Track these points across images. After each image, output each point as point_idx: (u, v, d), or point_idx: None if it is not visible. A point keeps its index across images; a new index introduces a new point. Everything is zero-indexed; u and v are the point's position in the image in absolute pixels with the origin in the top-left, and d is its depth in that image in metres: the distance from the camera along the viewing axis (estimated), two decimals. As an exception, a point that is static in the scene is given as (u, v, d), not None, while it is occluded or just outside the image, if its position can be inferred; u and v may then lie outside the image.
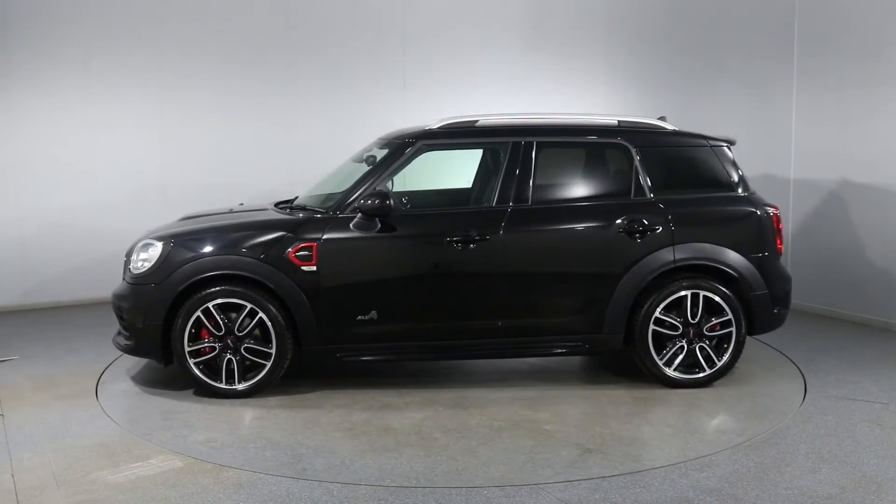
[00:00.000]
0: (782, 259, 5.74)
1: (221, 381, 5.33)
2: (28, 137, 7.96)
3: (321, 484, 4.06)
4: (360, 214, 5.29)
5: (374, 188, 5.37)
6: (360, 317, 5.33)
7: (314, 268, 5.26)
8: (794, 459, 4.38)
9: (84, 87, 8.13)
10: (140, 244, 5.54)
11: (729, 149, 5.72)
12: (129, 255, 5.62)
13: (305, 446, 4.61)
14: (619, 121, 5.72)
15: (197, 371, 5.32)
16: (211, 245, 5.34)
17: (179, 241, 5.39)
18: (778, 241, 5.62)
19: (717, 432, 4.80)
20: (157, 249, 5.38)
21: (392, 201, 5.30)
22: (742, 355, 5.57)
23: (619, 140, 5.59)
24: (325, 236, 5.29)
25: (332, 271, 5.28)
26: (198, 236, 5.43)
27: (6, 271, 7.99)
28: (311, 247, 5.25)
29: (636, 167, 5.52)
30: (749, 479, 4.11)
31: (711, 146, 5.66)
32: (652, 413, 5.12)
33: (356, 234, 5.31)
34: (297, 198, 6.11)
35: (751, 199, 5.64)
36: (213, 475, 4.17)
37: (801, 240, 7.83)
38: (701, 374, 5.49)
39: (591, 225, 5.47)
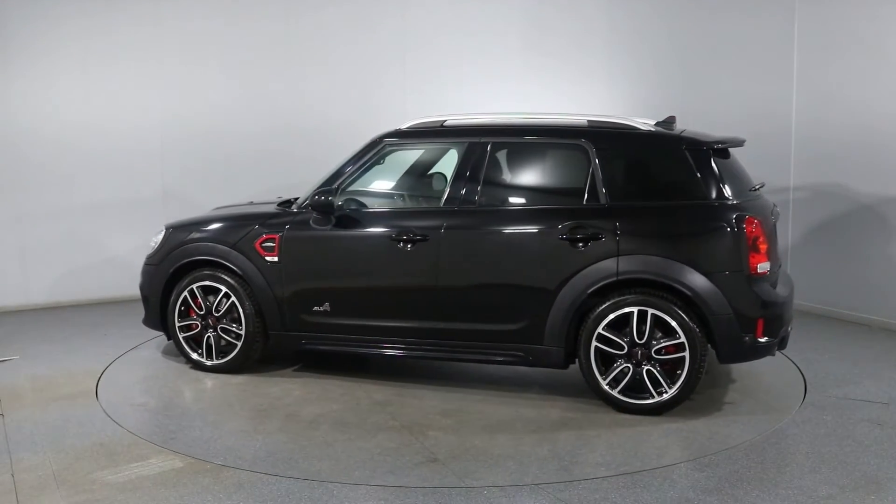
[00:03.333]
0: (767, 277, 4.96)
1: (202, 356, 5.86)
2: (29, 138, 7.94)
3: (321, 484, 4.07)
4: (313, 211, 5.56)
5: (338, 186, 5.58)
6: (315, 308, 5.59)
7: (276, 258, 5.61)
8: (794, 459, 4.39)
9: (84, 88, 8.12)
10: (158, 230, 6.25)
11: (718, 153, 5.04)
12: None
13: (204, 420, 4.97)
14: (588, 121, 5.32)
15: (183, 343, 5.92)
16: (198, 233, 5.94)
17: (176, 228, 6.09)
18: (751, 258, 4.84)
19: (593, 465, 4.27)
20: (161, 235, 6.11)
21: (333, 198, 5.45)
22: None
23: (578, 141, 5.19)
24: (288, 230, 5.63)
25: (291, 263, 5.61)
26: (191, 225, 6.06)
27: (6, 271, 7.98)
28: (275, 239, 5.62)
29: (593, 170, 5.08)
30: (749, 479, 4.11)
31: (688, 150, 5.00)
32: (560, 434, 4.71)
33: (313, 229, 5.58)
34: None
35: (724, 209, 4.88)
36: (213, 475, 4.18)
37: (800, 239, 7.83)
38: (649, 401, 4.91)
39: (532, 230, 5.17)
